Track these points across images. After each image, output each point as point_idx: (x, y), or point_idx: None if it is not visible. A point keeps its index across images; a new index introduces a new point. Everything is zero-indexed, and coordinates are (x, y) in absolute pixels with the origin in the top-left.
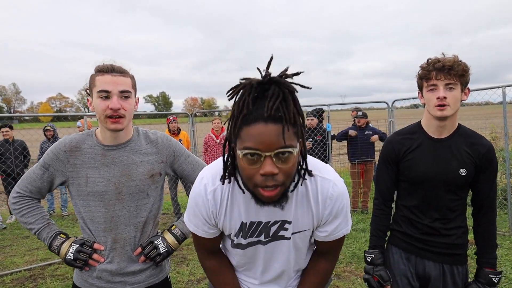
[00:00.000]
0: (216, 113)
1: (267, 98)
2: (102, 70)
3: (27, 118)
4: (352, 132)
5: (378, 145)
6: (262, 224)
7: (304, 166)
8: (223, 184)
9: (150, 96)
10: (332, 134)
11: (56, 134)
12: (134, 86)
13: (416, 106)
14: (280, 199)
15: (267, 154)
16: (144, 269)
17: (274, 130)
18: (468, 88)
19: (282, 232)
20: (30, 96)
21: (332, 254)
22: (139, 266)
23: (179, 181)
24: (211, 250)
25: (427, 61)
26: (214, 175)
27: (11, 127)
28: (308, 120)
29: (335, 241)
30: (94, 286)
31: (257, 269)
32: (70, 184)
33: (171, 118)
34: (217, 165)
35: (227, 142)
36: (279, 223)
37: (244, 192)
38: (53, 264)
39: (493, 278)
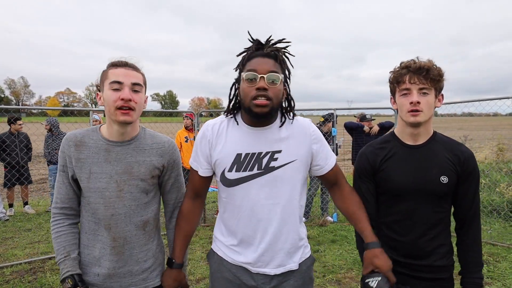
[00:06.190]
0: (222, 113)
1: (265, 48)
2: (116, 64)
3: (34, 111)
4: (367, 129)
5: None
6: (255, 155)
7: (287, 107)
8: (226, 116)
9: (157, 95)
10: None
11: (53, 128)
12: (145, 83)
13: None
14: (268, 114)
15: (261, 75)
16: (144, 270)
17: (268, 61)
18: (442, 95)
19: (272, 163)
20: (38, 90)
21: (341, 182)
22: (138, 266)
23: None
24: (196, 191)
25: (400, 64)
26: (215, 120)
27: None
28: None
29: (334, 171)
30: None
31: (252, 218)
32: (75, 180)
33: (184, 115)
34: (218, 117)
35: (233, 86)
36: (269, 154)
37: (238, 124)
38: (53, 258)
39: None
